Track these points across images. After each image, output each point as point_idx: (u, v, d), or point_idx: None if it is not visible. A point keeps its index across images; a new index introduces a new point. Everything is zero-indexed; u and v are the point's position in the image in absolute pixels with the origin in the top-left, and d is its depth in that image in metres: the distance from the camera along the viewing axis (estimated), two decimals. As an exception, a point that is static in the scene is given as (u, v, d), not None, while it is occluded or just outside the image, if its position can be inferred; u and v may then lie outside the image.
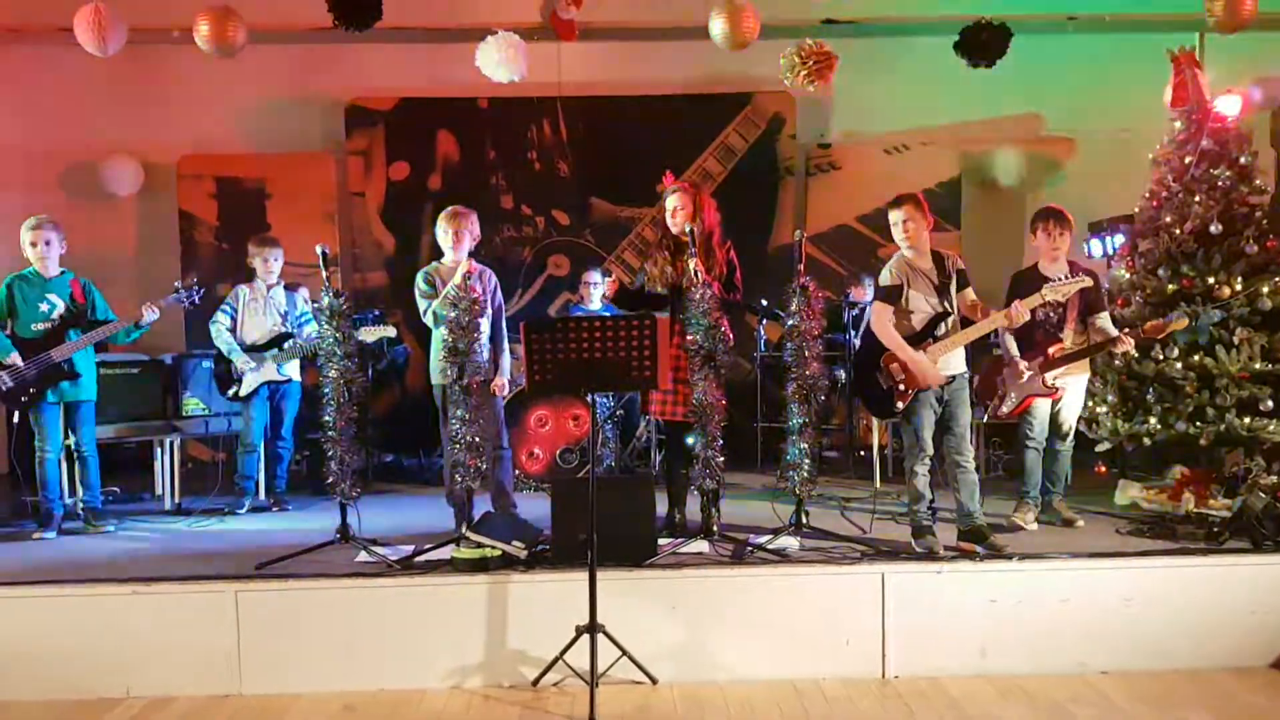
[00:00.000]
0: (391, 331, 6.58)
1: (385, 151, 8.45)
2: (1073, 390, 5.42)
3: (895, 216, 4.87)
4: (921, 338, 4.84)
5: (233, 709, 4.26)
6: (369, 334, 6.35)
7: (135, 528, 5.86)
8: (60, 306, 5.65)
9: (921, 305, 4.87)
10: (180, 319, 7.62)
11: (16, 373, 5.48)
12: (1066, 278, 5.07)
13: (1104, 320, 5.35)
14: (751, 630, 4.47)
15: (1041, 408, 5.35)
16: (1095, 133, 8.25)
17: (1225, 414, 5.49)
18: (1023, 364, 5.28)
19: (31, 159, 8.24)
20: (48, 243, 5.66)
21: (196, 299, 5.95)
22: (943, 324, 4.85)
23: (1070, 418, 5.45)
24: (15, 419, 5.75)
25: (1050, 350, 5.26)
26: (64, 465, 5.89)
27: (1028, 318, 4.90)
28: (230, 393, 6.27)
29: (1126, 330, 5.34)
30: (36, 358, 5.51)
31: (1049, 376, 5.25)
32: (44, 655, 4.39)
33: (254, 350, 6.24)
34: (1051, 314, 5.29)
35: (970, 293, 4.97)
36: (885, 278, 4.94)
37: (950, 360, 4.86)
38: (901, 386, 4.84)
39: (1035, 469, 5.39)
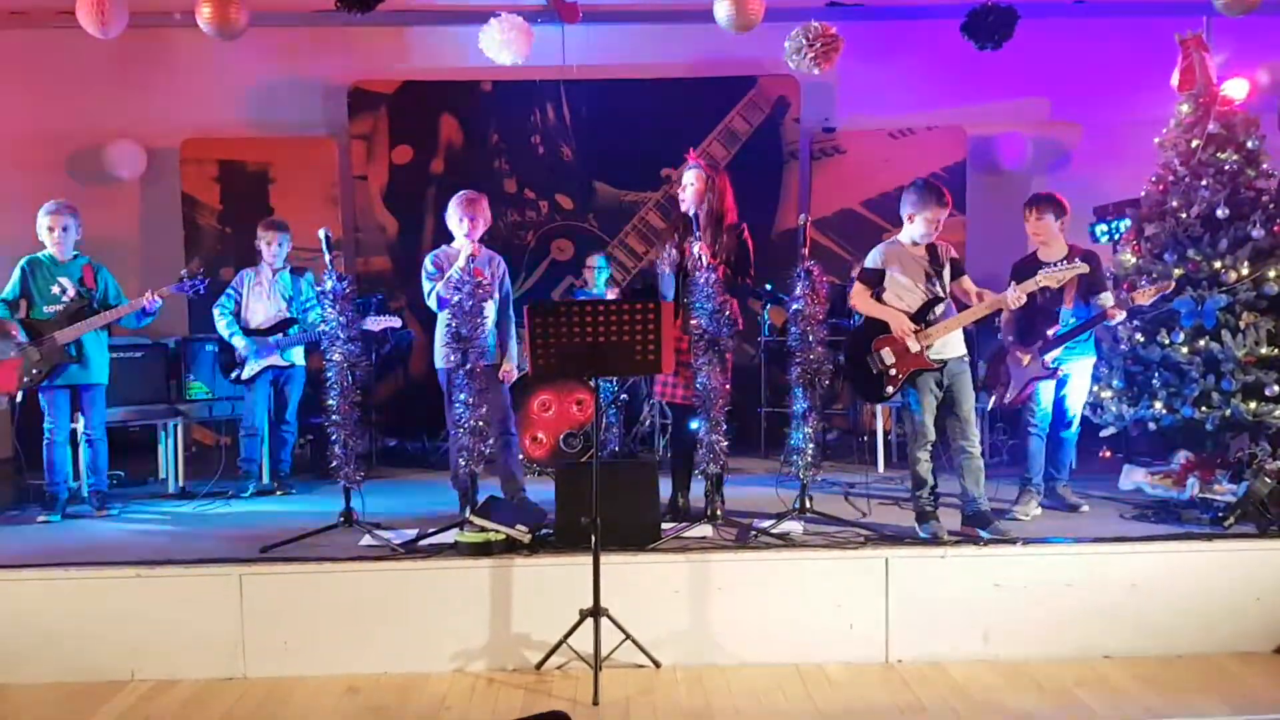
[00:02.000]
0: (397, 322, 6.56)
1: (388, 135, 8.40)
2: (1078, 376, 5.39)
3: (934, 215, 4.76)
4: (914, 321, 4.82)
5: (237, 692, 4.28)
6: (375, 325, 6.33)
7: (139, 511, 5.88)
8: (70, 290, 5.66)
9: (912, 289, 4.85)
10: (184, 303, 7.60)
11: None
12: (1065, 262, 5.05)
13: (1106, 299, 5.32)
14: (755, 614, 4.48)
15: (1045, 394, 5.34)
16: (1101, 117, 8.19)
17: (1231, 399, 5.47)
18: (1022, 349, 5.27)
19: (35, 142, 8.19)
20: (65, 228, 5.68)
21: (202, 289, 5.94)
22: (934, 309, 4.83)
23: (1076, 405, 5.42)
24: (20, 400, 5.72)
25: (1048, 333, 5.25)
26: (70, 449, 5.90)
27: (1024, 302, 4.87)
28: (233, 376, 6.27)
29: (1114, 305, 5.32)
30: (40, 339, 5.52)
31: (1048, 358, 5.24)
32: (49, 638, 4.40)
33: (258, 334, 6.24)
34: (1050, 298, 5.26)
35: (967, 280, 4.94)
36: (870, 260, 4.95)
37: (947, 344, 4.84)
38: (892, 371, 4.83)
39: (1038, 456, 5.37)
